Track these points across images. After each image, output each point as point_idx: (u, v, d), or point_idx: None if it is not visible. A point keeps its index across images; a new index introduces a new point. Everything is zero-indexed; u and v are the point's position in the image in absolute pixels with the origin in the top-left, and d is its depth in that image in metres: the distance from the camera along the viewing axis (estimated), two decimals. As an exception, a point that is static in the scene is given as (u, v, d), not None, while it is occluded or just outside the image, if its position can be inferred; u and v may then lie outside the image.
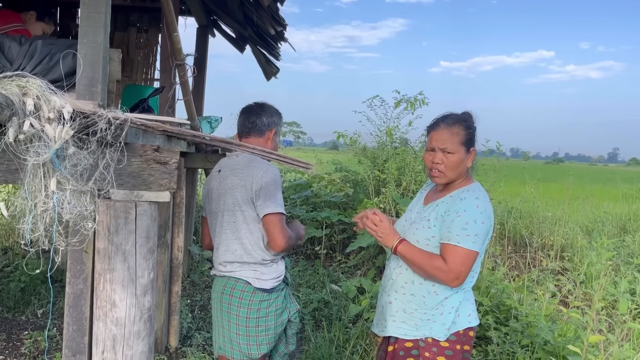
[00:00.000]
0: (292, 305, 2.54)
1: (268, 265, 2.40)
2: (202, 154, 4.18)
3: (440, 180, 2.21)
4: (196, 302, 4.97)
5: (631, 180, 16.79)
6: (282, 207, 2.34)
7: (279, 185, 2.34)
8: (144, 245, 2.01)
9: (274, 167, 2.40)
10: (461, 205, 2.12)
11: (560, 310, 3.89)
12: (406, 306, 2.22)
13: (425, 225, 2.19)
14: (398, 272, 2.27)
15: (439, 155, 2.17)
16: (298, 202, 7.45)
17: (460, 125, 2.18)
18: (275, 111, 2.57)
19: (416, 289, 2.20)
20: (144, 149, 1.98)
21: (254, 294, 2.37)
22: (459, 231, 2.07)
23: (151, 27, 6.06)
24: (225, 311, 2.43)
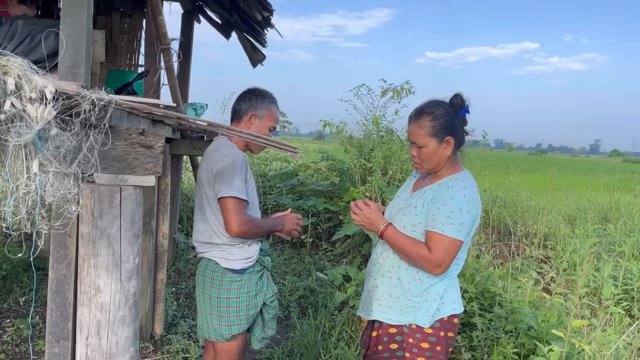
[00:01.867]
0: (268, 289, 2.54)
1: (238, 246, 2.41)
2: (187, 140, 4.14)
3: (421, 170, 2.28)
4: (181, 290, 4.95)
5: (612, 171, 17.05)
6: (239, 192, 2.29)
7: (237, 169, 2.31)
8: (129, 230, 1.98)
9: (237, 152, 2.38)
10: (448, 193, 2.13)
11: (544, 297, 3.94)
12: (392, 290, 2.24)
13: (412, 212, 2.20)
14: (385, 257, 2.28)
15: (414, 148, 2.23)
16: (284, 190, 7.43)
17: (427, 117, 2.17)
18: (257, 95, 2.53)
19: (402, 274, 2.21)
20: (129, 132, 1.95)
21: (224, 274, 2.40)
22: (444, 219, 2.08)
23: (135, 11, 5.94)
24: (200, 292, 2.49)
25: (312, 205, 6.44)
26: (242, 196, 2.30)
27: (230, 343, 2.45)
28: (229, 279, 2.40)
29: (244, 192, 2.32)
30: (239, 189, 2.29)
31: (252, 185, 2.47)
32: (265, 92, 2.56)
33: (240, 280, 2.41)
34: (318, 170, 7.48)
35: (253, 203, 2.48)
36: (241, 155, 2.39)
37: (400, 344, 2.23)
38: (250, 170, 2.48)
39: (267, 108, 2.52)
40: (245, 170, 2.38)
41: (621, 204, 8.53)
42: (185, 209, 7.39)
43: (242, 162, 2.36)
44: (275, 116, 2.56)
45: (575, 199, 9.22)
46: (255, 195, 2.52)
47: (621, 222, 6.90)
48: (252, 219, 2.38)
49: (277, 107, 2.58)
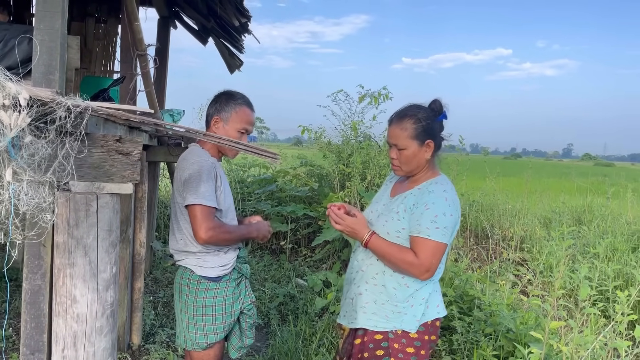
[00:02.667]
0: (246, 297, 2.51)
1: (213, 253, 2.38)
2: (164, 147, 4.10)
3: (400, 173, 2.28)
4: (159, 299, 4.87)
5: (585, 174, 17.42)
6: (205, 199, 2.25)
7: (204, 177, 2.27)
8: (106, 239, 1.95)
9: (205, 159, 2.34)
10: (429, 197, 2.14)
11: (521, 299, 3.99)
12: (377, 297, 2.22)
13: (395, 217, 2.20)
14: (369, 263, 2.26)
15: (394, 151, 2.23)
16: (263, 196, 7.40)
17: (409, 119, 2.18)
18: (222, 98, 2.45)
19: (387, 280, 2.20)
20: (106, 139, 1.92)
21: (200, 282, 2.37)
22: (428, 224, 2.09)
23: (110, 17, 5.88)
24: (177, 300, 2.46)
25: (291, 211, 6.43)
26: (209, 203, 2.26)
27: (206, 352, 2.42)
28: (204, 287, 2.37)
29: (211, 199, 2.27)
30: (205, 196, 2.25)
31: (225, 192, 2.43)
32: (232, 94, 2.47)
33: (217, 288, 2.39)
34: (297, 176, 7.47)
35: (228, 210, 2.44)
36: (209, 162, 2.34)
37: (386, 350, 2.21)
38: (223, 177, 2.44)
39: (232, 110, 2.42)
40: (215, 177, 2.34)
41: (594, 207, 8.71)
42: (163, 217, 7.31)
43: (210, 169, 2.31)
44: (244, 117, 2.43)
45: (550, 202, 9.38)
46: (230, 202, 2.48)
47: (594, 224, 7.04)
48: (221, 226, 2.32)
49: (247, 107, 2.46)
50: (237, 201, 7.20)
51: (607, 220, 7.43)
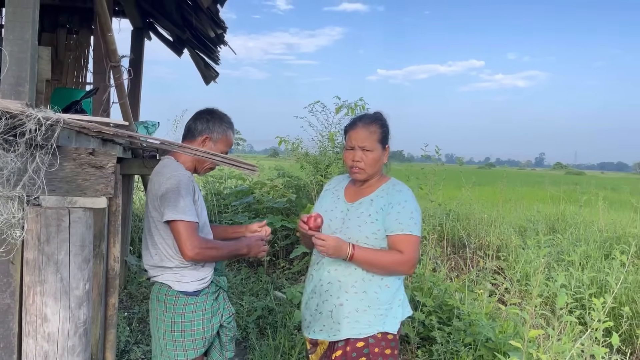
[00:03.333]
0: (225, 310, 2.47)
1: (190, 268, 2.33)
2: (139, 159, 4.03)
3: (361, 176, 2.29)
4: (134, 315, 4.77)
5: (557, 183, 17.75)
6: (186, 214, 2.21)
7: (182, 191, 2.24)
8: (79, 255, 1.89)
9: (182, 173, 2.31)
10: (401, 196, 2.25)
11: (499, 308, 4.01)
12: (358, 305, 2.23)
13: (368, 220, 2.25)
14: (346, 273, 2.26)
15: (359, 153, 2.25)
16: (240, 208, 7.34)
17: (377, 123, 2.29)
18: (216, 117, 2.47)
19: (367, 285, 2.23)
20: (78, 152, 1.87)
21: (178, 298, 2.32)
22: (408, 221, 2.19)
23: (82, 28, 5.80)
24: (154, 317, 2.41)
25: (269, 223, 6.35)
26: (191, 218, 2.22)
27: None
28: (182, 302, 2.32)
29: (192, 213, 2.24)
30: (186, 211, 2.22)
31: (201, 205, 2.40)
32: (223, 116, 2.50)
33: (195, 302, 2.34)
34: (274, 187, 7.43)
35: (204, 224, 2.41)
36: (186, 175, 2.31)
37: (367, 356, 2.23)
38: (199, 191, 2.41)
39: (224, 132, 2.46)
40: (193, 190, 2.31)
41: (567, 215, 8.85)
42: (137, 230, 7.18)
43: (188, 183, 2.29)
44: (229, 141, 2.50)
45: (524, 210, 9.51)
46: (205, 216, 2.45)
47: (568, 232, 7.15)
48: (209, 242, 2.31)
49: (232, 132, 2.52)
50: (214, 213, 7.11)
51: (580, 228, 7.56)
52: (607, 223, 7.77)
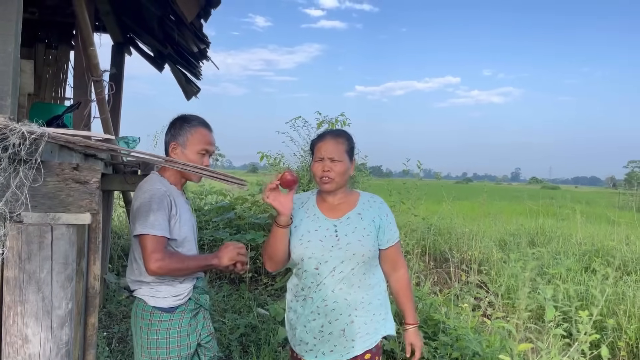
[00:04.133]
0: (204, 329, 2.39)
1: (166, 283, 2.27)
2: (119, 175, 3.96)
3: (331, 186, 2.29)
4: (113, 334, 4.65)
5: (533, 197, 18.01)
6: (154, 228, 2.16)
7: (153, 206, 2.18)
8: (62, 273, 1.83)
9: (157, 187, 2.25)
10: (384, 208, 2.37)
11: (484, 322, 4.01)
12: (366, 317, 2.28)
13: (365, 233, 2.29)
14: (351, 292, 2.26)
15: (328, 164, 2.28)
16: (221, 224, 7.25)
17: (344, 136, 2.36)
18: (177, 122, 2.37)
19: (371, 297, 2.29)
20: (62, 167, 1.82)
21: (153, 314, 2.26)
22: (394, 228, 2.36)
23: (61, 43, 5.73)
24: (133, 333, 2.35)
25: (251, 239, 6.31)
26: (158, 232, 2.16)
27: None
28: (157, 319, 2.26)
29: (162, 228, 2.18)
30: (155, 225, 2.16)
31: (183, 220, 2.32)
32: (186, 117, 2.39)
33: (170, 319, 2.27)
34: (256, 202, 7.37)
35: (184, 240, 2.32)
36: (161, 190, 2.24)
37: None
38: (182, 206, 2.34)
39: (188, 133, 2.34)
40: (169, 205, 2.24)
41: (546, 228, 8.96)
42: (116, 247, 7.04)
43: (162, 198, 2.22)
44: (201, 138, 2.35)
45: (504, 224, 9.61)
46: (187, 231, 2.35)
47: (550, 245, 7.21)
48: (172, 256, 2.20)
49: (203, 127, 2.37)
50: (195, 230, 7.01)
51: (560, 241, 7.65)
52: (585, 236, 7.89)
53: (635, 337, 4.16)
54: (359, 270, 2.26)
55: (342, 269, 2.25)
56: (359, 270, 2.26)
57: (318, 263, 2.26)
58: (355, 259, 2.25)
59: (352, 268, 2.25)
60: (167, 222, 2.22)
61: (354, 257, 2.25)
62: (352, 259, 2.25)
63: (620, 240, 7.26)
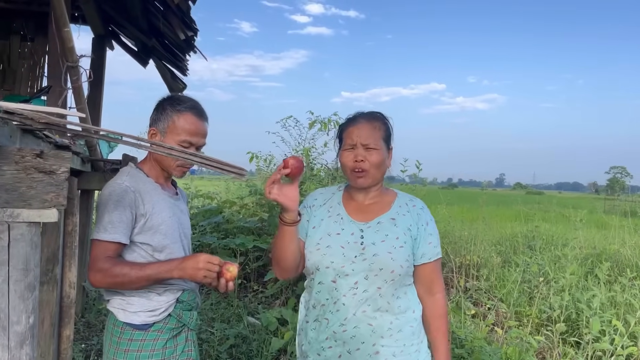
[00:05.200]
0: (182, 354, 1.98)
1: (141, 294, 1.89)
2: (99, 173, 3.63)
3: (365, 181, 1.88)
4: (92, 347, 4.30)
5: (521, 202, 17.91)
6: (105, 232, 1.82)
7: (110, 205, 1.83)
8: (21, 281, 1.52)
9: (117, 183, 1.89)
10: (424, 215, 1.94)
11: (494, 331, 3.74)
12: (395, 348, 1.85)
13: (397, 244, 1.86)
14: (377, 316, 1.84)
15: (361, 152, 1.86)
16: (208, 229, 6.93)
17: (380, 120, 1.94)
18: (160, 105, 1.99)
19: (402, 323, 1.86)
20: (22, 154, 1.51)
21: (123, 331, 1.89)
22: (435, 242, 1.93)
23: (38, 35, 5.40)
24: (103, 349, 1.97)
25: (240, 244, 6.00)
26: (107, 237, 1.82)
27: None
28: (128, 337, 1.88)
29: (115, 231, 1.83)
30: (107, 228, 1.82)
31: (159, 220, 1.93)
32: (175, 98, 2.00)
33: (143, 339, 1.89)
34: (244, 206, 7.06)
35: (166, 247, 1.95)
36: (123, 185, 1.88)
37: None
38: (160, 203, 1.96)
39: (171, 118, 1.94)
40: (134, 203, 1.88)
41: (542, 233, 8.78)
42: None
43: (122, 194, 1.86)
44: (186, 126, 1.93)
45: (499, 229, 9.41)
46: (168, 233, 1.96)
47: (549, 252, 6.98)
48: (114, 266, 1.80)
49: (192, 114, 1.96)
50: (180, 234, 6.68)
51: (558, 246, 7.45)
52: (583, 240, 7.70)
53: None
54: (388, 290, 1.83)
55: (366, 286, 1.83)
56: (387, 290, 1.83)
57: (336, 275, 1.85)
58: (383, 276, 1.82)
59: (378, 287, 1.83)
60: (126, 224, 1.85)
61: (380, 273, 1.82)
62: (378, 275, 1.82)
63: (621, 244, 7.07)
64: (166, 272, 1.83)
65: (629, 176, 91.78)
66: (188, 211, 2.23)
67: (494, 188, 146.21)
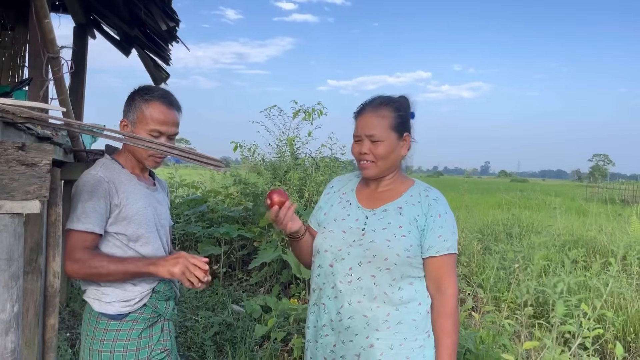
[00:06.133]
0: (158, 344, 2.00)
1: (116, 284, 1.90)
2: (82, 164, 3.64)
3: (371, 172, 1.87)
4: (77, 335, 4.34)
5: (504, 190, 18.14)
6: (79, 222, 1.85)
7: (84, 195, 1.87)
8: (5, 271, 1.56)
9: (90, 174, 1.92)
10: (440, 206, 1.85)
11: (470, 315, 3.85)
12: (393, 341, 1.78)
13: (398, 233, 1.81)
14: (374, 306, 1.79)
15: (366, 144, 1.84)
16: (192, 218, 6.96)
17: (389, 107, 1.87)
18: (129, 97, 1.99)
19: (403, 315, 1.79)
20: (4, 147, 1.55)
21: (99, 321, 1.91)
22: (451, 237, 1.83)
23: (18, 24, 5.33)
24: (81, 339, 2.01)
25: (224, 233, 6.04)
26: (81, 227, 1.85)
27: None
28: (103, 327, 1.91)
29: (89, 222, 1.85)
30: (80, 218, 1.85)
31: (133, 210, 1.96)
32: (140, 89, 2.00)
33: (118, 329, 1.92)
34: (229, 195, 7.10)
35: (140, 237, 1.96)
36: (97, 176, 1.91)
37: None
38: (135, 194, 1.98)
39: (138, 109, 1.94)
40: (108, 193, 1.89)
41: (522, 220, 8.93)
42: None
43: (96, 185, 1.88)
44: (154, 115, 1.93)
45: (481, 216, 9.55)
46: (142, 223, 1.97)
47: (528, 237, 7.13)
48: (91, 258, 1.83)
49: (160, 102, 1.95)
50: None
51: (538, 232, 7.60)
52: (562, 227, 7.86)
53: (623, 329, 4.07)
54: (383, 279, 1.78)
55: (360, 274, 1.80)
56: (382, 279, 1.78)
57: (334, 259, 1.85)
58: (376, 263, 1.78)
59: (372, 275, 1.79)
60: (100, 214, 1.87)
61: (374, 260, 1.79)
62: (372, 262, 1.79)
63: (598, 231, 7.24)
64: (144, 268, 1.85)
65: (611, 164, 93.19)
66: (168, 202, 2.25)
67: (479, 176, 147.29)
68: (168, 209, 2.22)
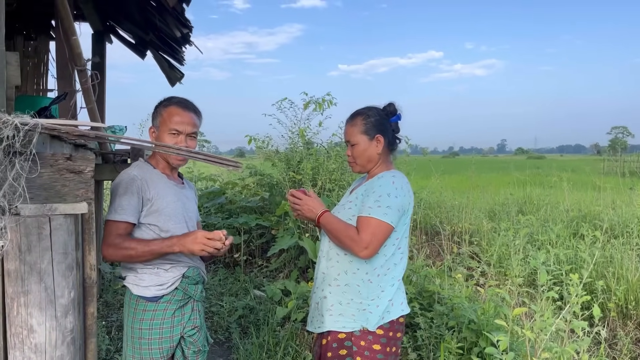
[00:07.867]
0: (189, 322, 2.31)
1: (151, 270, 2.22)
2: (109, 165, 3.95)
3: (355, 169, 2.41)
4: (112, 323, 4.68)
5: (521, 167, 18.21)
6: (116, 213, 2.16)
7: (119, 191, 2.18)
8: (62, 262, 1.85)
9: (126, 172, 2.24)
10: (377, 182, 2.26)
11: (478, 291, 4.09)
12: (341, 298, 2.26)
13: (347, 206, 2.32)
14: (329, 266, 2.31)
15: (349, 148, 2.39)
16: (212, 209, 7.27)
17: (359, 117, 2.36)
18: (155, 107, 2.32)
19: (350, 278, 2.25)
20: (55, 158, 1.83)
21: (138, 302, 2.24)
22: (371, 203, 2.19)
23: (40, 34, 5.64)
24: (124, 321, 2.34)
25: (243, 223, 6.34)
26: (116, 217, 2.16)
27: None
28: (142, 308, 2.23)
29: (124, 212, 2.16)
30: (117, 210, 2.17)
31: (163, 205, 2.24)
32: (161, 100, 2.34)
33: (154, 310, 2.22)
34: (246, 186, 7.38)
35: (169, 227, 2.25)
36: (132, 174, 2.22)
37: (350, 349, 2.23)
38: (164, 190, 2.27)
39: (159, 114, 2.28)
40: (140, 189, 2.20)
41: (534, 197, 9.09)
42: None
43: (130, 182, 2.19)
44: (171, 117, 2.24)
45: (493, 195, 9.72)
46: (171, 216, 2.27)
47: (540, 213, 7.32)
48: (123, 241, 2.13)
49: (176, 106, 2.27)
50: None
51: (547, 209, 7.77)
52: (571, 203, 8.02)
53: (624, 297, 4.29)
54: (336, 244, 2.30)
55: (326, 240, 2.35)
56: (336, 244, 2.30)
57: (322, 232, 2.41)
58: None
59: (329, 240, 2.32)
60: (134, 207, 2.18)
61: None
62: None
63: (606, 205, 7.39)
64: (168, 247, 2.14)
65: (631, 135, 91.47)
66: (195, 200, 2.59)
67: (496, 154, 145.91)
68: (196, 205, 2.54)
